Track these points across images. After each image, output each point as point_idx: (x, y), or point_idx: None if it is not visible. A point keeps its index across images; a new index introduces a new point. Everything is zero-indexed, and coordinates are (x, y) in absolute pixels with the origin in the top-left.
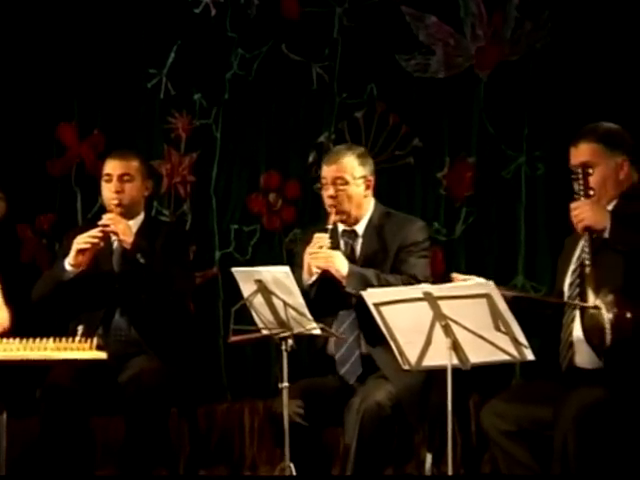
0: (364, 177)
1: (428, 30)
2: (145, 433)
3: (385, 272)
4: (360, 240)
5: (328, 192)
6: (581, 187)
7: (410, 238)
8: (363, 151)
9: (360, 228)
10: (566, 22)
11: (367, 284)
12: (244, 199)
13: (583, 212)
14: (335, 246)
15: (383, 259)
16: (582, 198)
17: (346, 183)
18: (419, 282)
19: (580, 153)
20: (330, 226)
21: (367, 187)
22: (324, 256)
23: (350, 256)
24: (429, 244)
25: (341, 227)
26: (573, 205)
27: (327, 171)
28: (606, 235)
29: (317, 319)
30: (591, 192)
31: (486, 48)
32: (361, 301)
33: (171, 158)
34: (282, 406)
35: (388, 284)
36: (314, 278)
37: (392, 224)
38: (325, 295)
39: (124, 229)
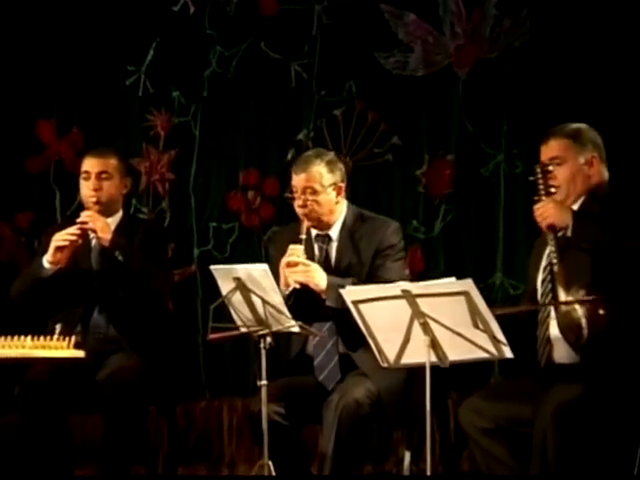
0: (334, 184)
1: (407, 28)
2: (124, 431)
3: (361, 276)
4: (334, 244)
5: (298, 202)
6: (541, 186)
7: (386, 242)
8: (332, 157)
9: (334, 232)
10: (545, 20)
11: None
12: (223, 197)
13: (546, 210)
14: (310, 256)
15: (359, 263)
16: (544, 197)
17: (315, 192)
18: None
19: (550, 149)
20: (303, 236)
21: (338, 193)
22: (303, 270)
23: (325, 261)
24: (404, 244)
25: (314, 232)
26: (536, 206)
27: (297, 180)
28: (569, 234)
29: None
30: (552, 189)
31: (465, 46)
32: (338, 311)
33: (150, 156)
34: (261, 404)
35: None
36: (291, 289)
37: (366, 227)
38: (302, 304)
39: (102, 226)
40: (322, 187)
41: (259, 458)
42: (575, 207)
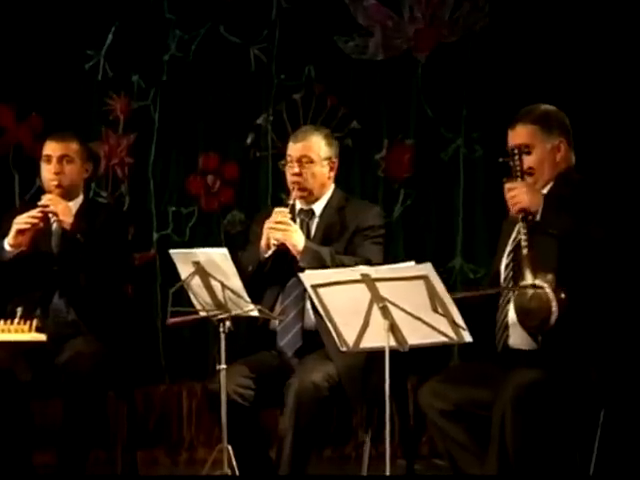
0: (329, 158)
1: (366, 12)
2: (83, 415)
3: (339, 251)
4: (316, 220)
5: (293, 170)
6: (517, 169)
7: (367, 222)
8: (329, 132)
9: (318, 208)
10: (504, 4)
11: (321, 262)
12: (182, 181)
13: (519, 194)
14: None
15: (338, 240)
16: (518, 179)
17: (311, 162)
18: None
19: (517, 135)
20: (291, 202)
21: (331, 169)
22: (282, 229)
23: (305, 235)
24: (384, 231)
25: (298, 205)
26: (508, 185)
27: (293, 149)
28: (537, 218)
29: (267, 288)
30: (526, 175)
31: (424, 30)
32: None
33: (109, 140)
34: (220, 388)
35: (342, 264)
36: (270, 252)
37: (350, 207)
38: (278, 269)
39: (64, 209)
40: (318, 158)
41: (218, 442)
42: (544, 192)
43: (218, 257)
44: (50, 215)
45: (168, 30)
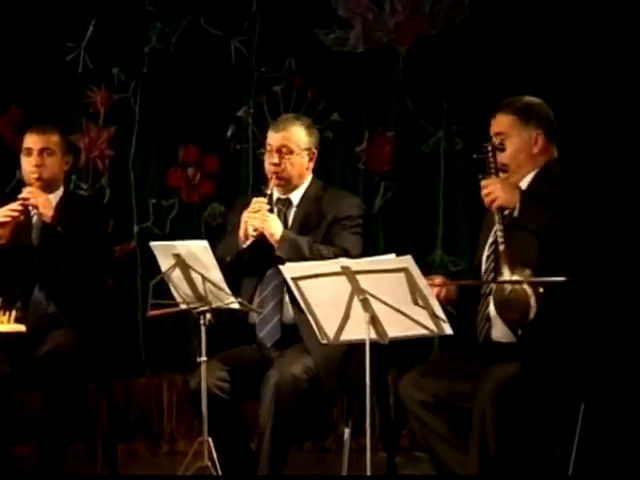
0: (309, 149)
1: (347, 4)
2: (63, 407)
3: (317, 241)
4: (294, 209)
5: (272, 159)
6: (492, 165)
7: (345, 212)
8: (310, 123)
9: (295, 198)
10: None
11: (299, 251)
12: (162, 173)
13: (494, 191)
14: (270, 212)
15: (315, 229)
16: (493, 176)
17: (291, 152)
18: (350, 257)
19: (496, 124)
20: (269, 191)
21: (310, 159)
22: (260, 218)
23: (283, 224)
24: (363, 221)
25: (276, 194)
26: (484, 183)
27: (274, 138)
28: (516, 214)
29: (245, 278)
30: (500, 172)
31: (405, 23)
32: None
33: (89, 132)
34: (201, 380)
35: (320, 254)
36: (249, 242)
37: (328, 196)
38: (256, 259)
39: (44, 202)
40: (298, 148)
41: (199, 434)
42: (523, 185)
43: (198, 249)
44: (30, 208)
45: (149, 22)
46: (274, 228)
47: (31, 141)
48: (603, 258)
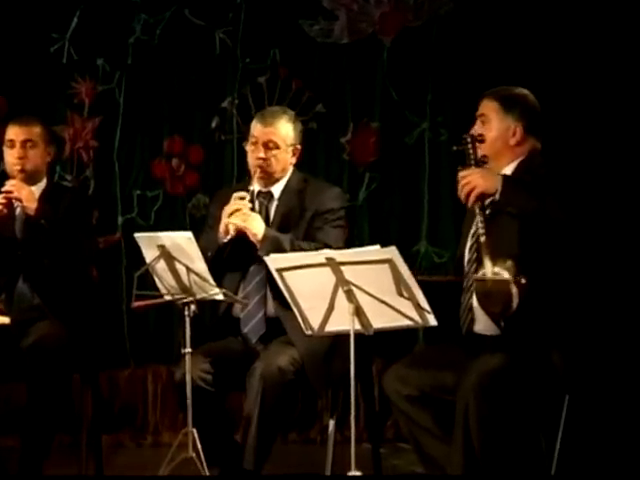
0: (294, 145)
1: None
2: (47, 399)
3: (299, 236)
4: (275, 203)
5: (258, 154)
6: (471, 155)
7: (327, 205)
8: (296, 117)
9: (276, 190)
10: None
11: (281, 249)
12: (147, 164)
13: (474, 179)
14: (252, 208)
15: (297, 223)
16: (472, 167)
17: (277, 147)
18: None
19: (481, 106)
20: (252, 187)
21: (294, 154)
22: (242, 217)
23: (264, 218)
24: (344, 213)
25: (257, 188)
26: (462, 173)
27: (261, 132)
28: (497, 197)
29: (228, 274)
30: (480, 162)
31: (390, 14)
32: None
33: (74, 123)
34: (185, 372)
35: (302, 251)
36: (229, 237)
37: (309, 189)
38: (238, 254)
39: (27, 195)
40: (285, 144)
41: (183, 426)
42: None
43: (183, 241)
44: (14, 201)
45: (133, 13)
46: (256, 228)
47: (13, 133)
48: (584, 248)
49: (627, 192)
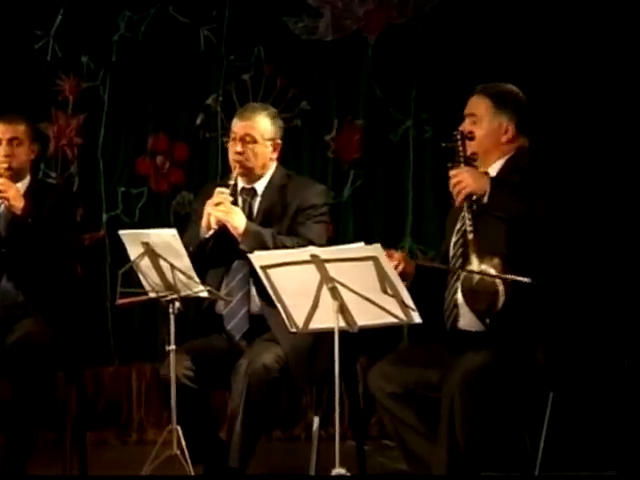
0: (273, 139)
1: None
2: (31, 396)
3: (281, 231)
4: (258, 199)
5: (235, 148)
6: (461, 154)
7: (309, 201)
8: (276, 113)
9: (260, 187)
10: None
11: (262, 244)
12: (132, 161)
13: (464, 179)
14: (234, 203)
15: (280, 219)
16: (462, 165)
17: (255, 141)
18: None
19: (470, 105)
20: (232, 182)
21: (274, 149)
22: (224, 210)
23: (248, 214)
24: (328, 209)
25: (240, 184)
26: (453, 172)
27: (238, 126)
28: (485, 200)
29: (210, 269)
30: (469, 160)
31: (374, 11)
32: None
33: (58, 120)
34: (169, 369)
35: (284, 246)
36: (211, 232)
37: (292, 185)
38: (220, 249)
39: (15, 194)
40: (262, 138)
41: (168, 423)
42: (491, 172)
43: (167, 238)
44: (0, 200)
45: (118, 10)
46: (237, 221)
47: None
48: (570, 248)
49: (612, 191)
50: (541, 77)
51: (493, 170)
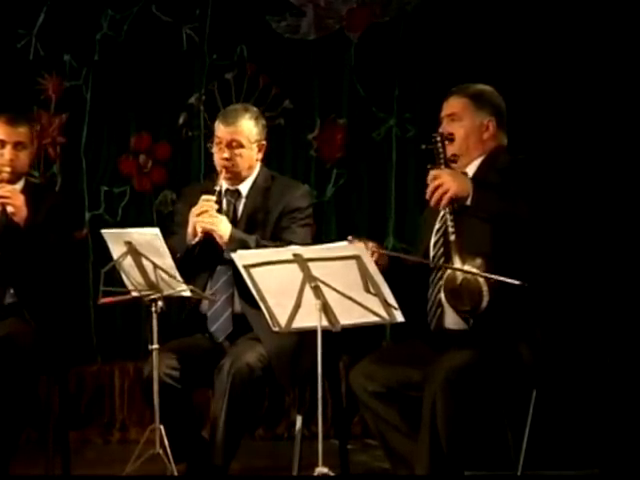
0: (258, 141)
1: None
2: (14, 395)
3: (266, 235)
4: (243, 200)
5: (223, 154)
6: (441, 155)
7: (293, 204)
8: (259, 113)
9: (244, 188)
10: None
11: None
12: (114, 160)
13: (446, 182)
14: (218, 209)
15: (264, 221)
16: (442, 166)
17: (241, 146)
18: None
19: (449, 106)
20: (218, 188)
21: (259, 150)
22: (209, 221)
23: (232, 216)
24: (312, 211)
25: (225, 186)
26: (434, 173)
27: (224, 132)
28: (468, 203)
29: (195, 274)
30: (450, 162)
31: (357, 10)
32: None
33: (41, 119)
34: (152, 368)
35: None
36: (197, 239)
37: (276, 187)
38: (206, 254)
39: (21, 205)
40: (248, 142)
41: (151, 422)
42: (469, 171)
43: (150, 237)
44: (4, 206)
45: (100, 9)
46: (223, 230)
47: (4, 133)
48: (553, 246)
49: (594, 189)
50: (523, 76)
51: (470, 170)
